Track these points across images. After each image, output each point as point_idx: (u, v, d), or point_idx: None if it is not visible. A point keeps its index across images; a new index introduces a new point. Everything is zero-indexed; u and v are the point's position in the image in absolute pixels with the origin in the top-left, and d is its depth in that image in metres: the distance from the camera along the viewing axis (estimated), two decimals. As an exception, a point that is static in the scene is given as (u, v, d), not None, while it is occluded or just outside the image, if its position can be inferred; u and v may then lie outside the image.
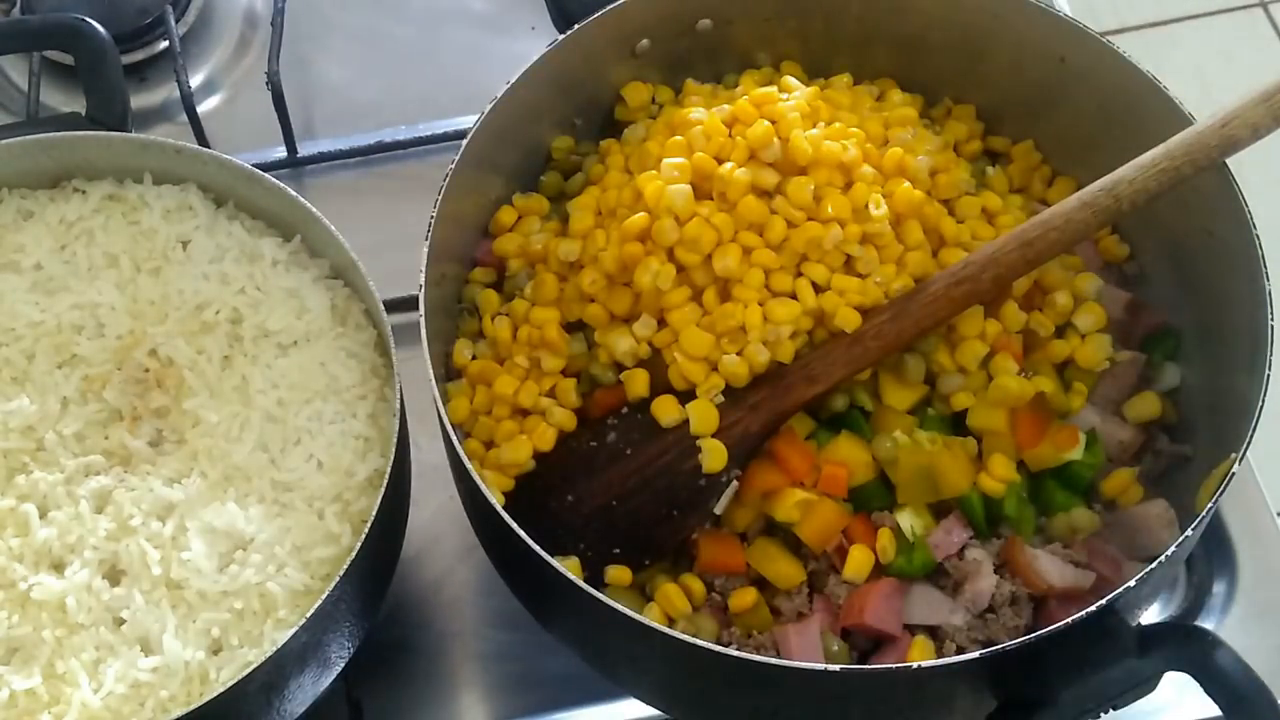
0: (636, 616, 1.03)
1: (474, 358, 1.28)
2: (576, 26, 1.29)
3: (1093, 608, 1.02)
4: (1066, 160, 1.36)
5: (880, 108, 1.32)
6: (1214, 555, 1.41)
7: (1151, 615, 1.37)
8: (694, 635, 1.07)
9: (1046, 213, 1.19)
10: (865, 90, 1.36)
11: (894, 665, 1.09)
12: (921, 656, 1.13)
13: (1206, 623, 1.38)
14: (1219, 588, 1.40)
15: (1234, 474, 1.08)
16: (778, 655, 1.14)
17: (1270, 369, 1.11)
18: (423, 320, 1.14)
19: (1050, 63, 1.31)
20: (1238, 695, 0.99)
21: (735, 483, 1.18)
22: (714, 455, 1.18)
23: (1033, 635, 1.03)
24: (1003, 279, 1.20)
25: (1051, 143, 1.37)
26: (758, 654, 1.13)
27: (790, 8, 1.36)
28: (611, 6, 1.29)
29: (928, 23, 1.35)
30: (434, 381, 1.13)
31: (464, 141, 1.22)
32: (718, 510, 1.18)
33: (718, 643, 1.13)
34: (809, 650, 1.14)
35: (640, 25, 1.33)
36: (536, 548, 1.06)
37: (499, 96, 1.24)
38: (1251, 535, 1.41)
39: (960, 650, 1.14)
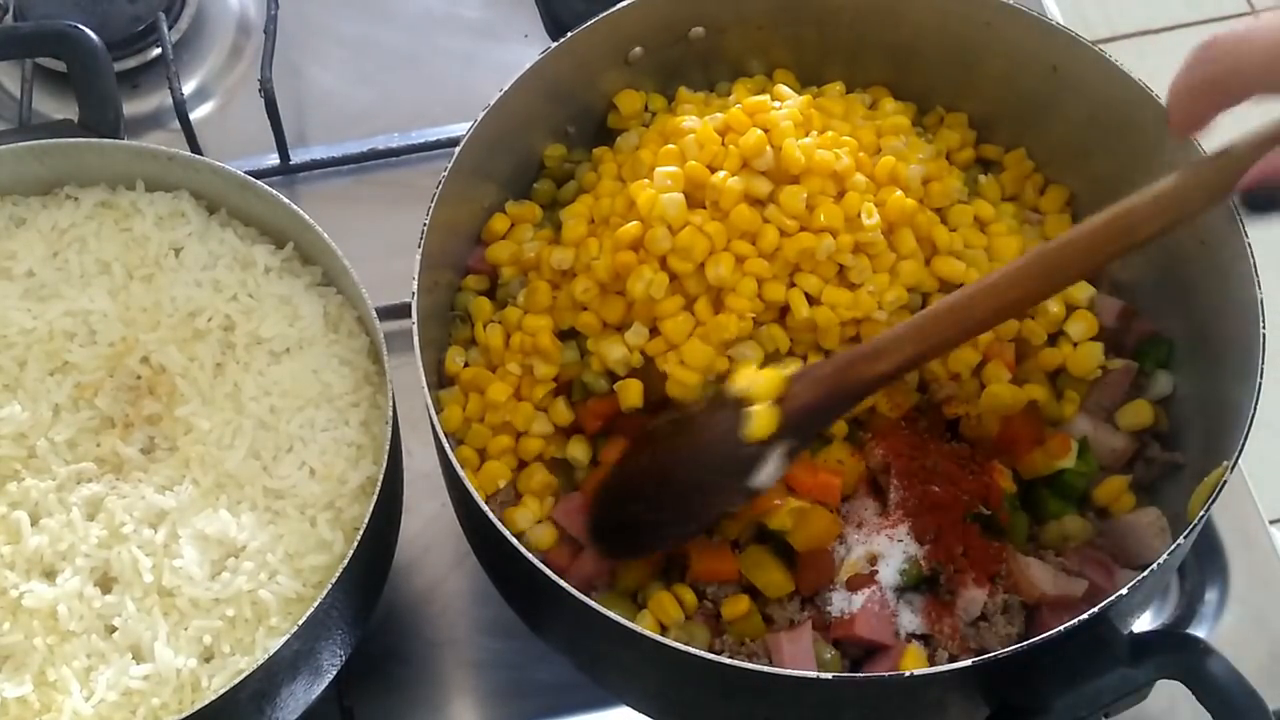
0: (629, 624, 1.03)
1: (466, 365, 1.28)
2: (569, 34, 1.29)
3: (1085, 616, 1.02)
4: (1059, 168, 1.36)
5: (873, 116, 1.33)
6: (1206, 563, 1.41)
7: (1144, 623, 1.37)
8: (686, 643, 1.07)
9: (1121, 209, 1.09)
10: (858, 99, 1.36)
11: (886, 674, 1.09)
12: (914, 665, 1.13)
13: (1199, 630, 1.38)
14: (1211, 595, 1.40)
15: (1226, 482, 1.08)
16: (770, 663, 1.14)
17: (1262, 377, 1.11)
18: (415, 328, 1.14)
19: (1042, 71, 1.31)
20: (1230, 703, 0.99)
21: (788, 458, 1.14)
22: (761, 421, 1.13)
23: (1025, 643, 1.03)
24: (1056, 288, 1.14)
25: (1044, 151, 1.37)
26: (750, 662, 1.13)
27: (783, 16, 1.36)
28: (604, 14, 1.30)
29: (920, 31, 1.35)
30: (426, 389, 1.13)
31: (457, 149, 1.22)
32: (761, 482, 1.14)
33: (710, 650, 1.13)
34: (801, 658, 1.14)
35: (633, 33, 1.33)
36: (529, 554, 1.06)
37: (491, 104, 1.25)
38: (1243, 543, 1.41)
39: (953, 658, 1.14)
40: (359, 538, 1.08)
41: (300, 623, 1.05)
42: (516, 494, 1.24)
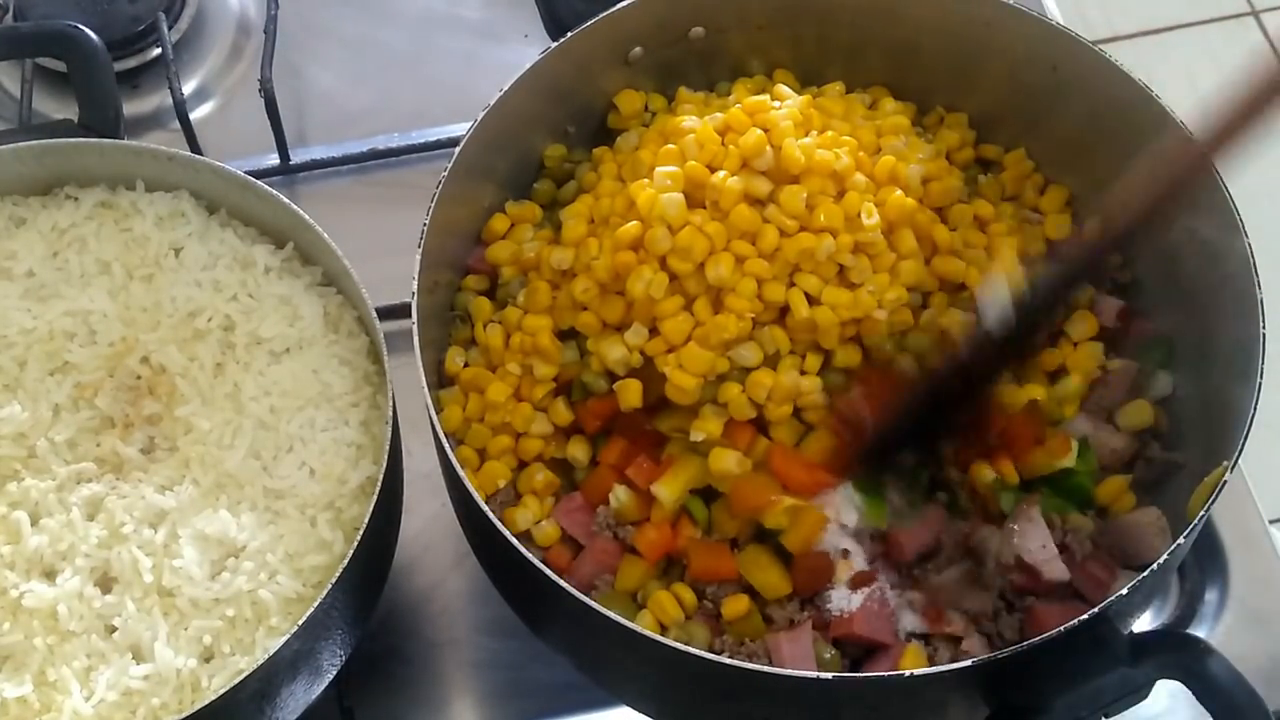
0: (629, 624, 1.03)
1: (466, 365, 1.28)
2: (569, 34, 1.29)
3: (1085, 615, 1.02)
4: (1058, 168, 1.36)
5: (873, 116, 1.33)
6: (1206, 563, 1.41)
7: (1144, 623, 1.37)
8: (686, 643, 1.07)
9: None
10: (857, 98, 1.36)
11: (886, 673, 1.09)
12: (914, 664, 1.13)
13: (1199, 630, 1.38)
14: (1211, 595, 1.40)
15: (1226, 482, 1.08)
16: (770, 663, 1.14)
17: (1262, 377, 1.11)
18: (415, 328, 1.14)
19: (1042, 71, 1.31)
20: (1230, 703, 0.99)
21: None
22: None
23: (1025, 643, 1.03)
24: None
25: (1043, 151, 1.37)
26: (750, 662, 1.13)
27: (783, 16, 1.36)
28: (604, 14, 1.30)
29: (920, 31, 1.35)
30: (426, 389, 1.13)
31: (457, 149, 1.22)
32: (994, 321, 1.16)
33: (710, 650, 1.13)
34: (801, 658, 1.14)
35: (633, 33, 1.33)
36: (528, 554, 1.06)
37: (491, 104, 1.25)
38: (1243, 543, 1.41)
39: (953, 658, 1.14)
40: (359, 538, 1.08)
41: (300, 623, 1.05)
42: (516, 494, 1.24)
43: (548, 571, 1.06)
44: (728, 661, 1.04)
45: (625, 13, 1.30)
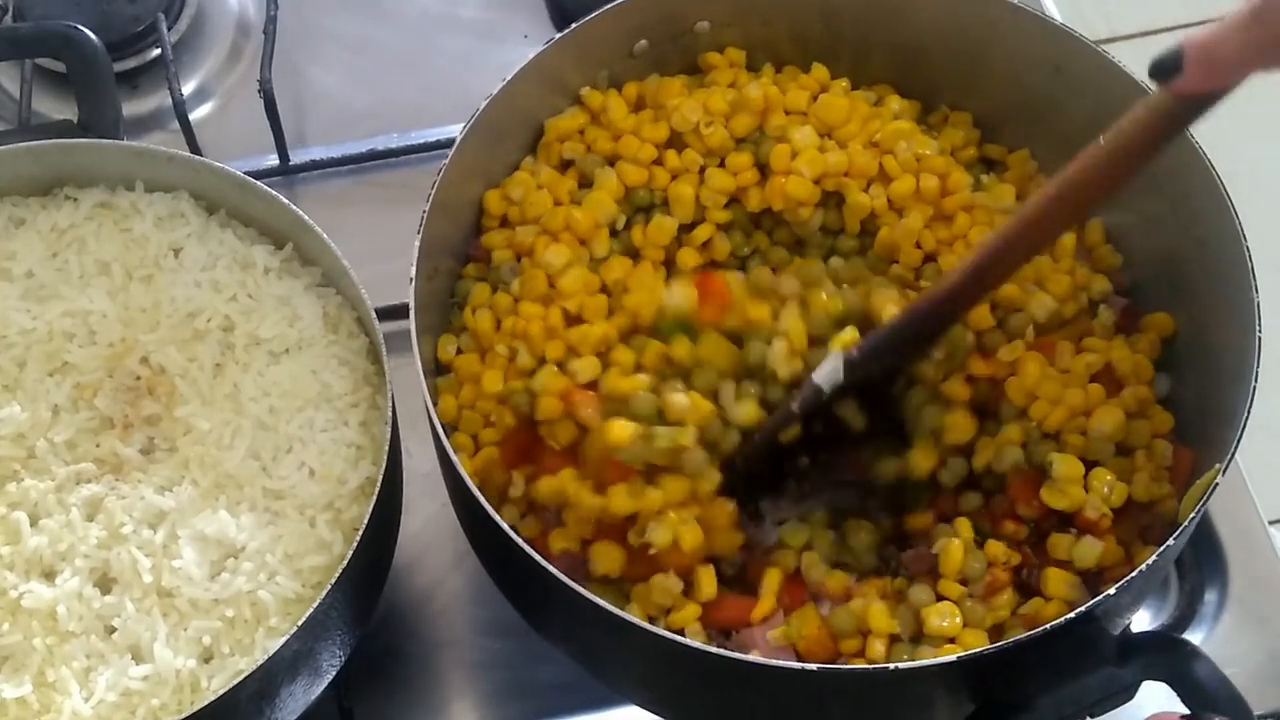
0: (619, 612, 1.04)
1: (459, 351, 1.27)
2: (574, 25, 1.29)
3: (1072, 614, 1.02)
4: (1061, 168, 1.36)
5: (878, 114, 1.33)
6: (1205, 564, 1.41)
7: (1144, 623, 1.38)
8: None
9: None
10: (863, 96, 1.36)
11: (870, 666, 1.09)
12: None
13: (1198, 631, 1.38)
14: (1210, 596, 1.40)
15: (1218, 484, 1.08)
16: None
17: (1256, 381, 1.11)
18: (413, 313, 1.14)
19: (1045, 71, 1.31)
20: (1214, 707, 0.99)
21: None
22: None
23: (1011, 640, 1.03)
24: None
25: (1046, 151, 1.37)
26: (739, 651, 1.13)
27: (788, 12, 1.36)
28: (609, 6, 1.30)
29: (924, 30, 1.35)
30: (423, 376, 1.13)
31: (459, 136, 1.22)
32: (823, 377, 1.18)
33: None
34: (789, 649, 1.14)
35: (638, 26, 1.33)
36: (525, 545, 1.06)
37: (495, 94, 1.24)
38: (1243, 544, 1.42)
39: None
40: (358, 538, 1.09)
41: (300, 623, 1.05)
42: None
43: (542, 561, 1.05)
44: (715, 651, 1.04)
45: (631, 5, 1.30)
